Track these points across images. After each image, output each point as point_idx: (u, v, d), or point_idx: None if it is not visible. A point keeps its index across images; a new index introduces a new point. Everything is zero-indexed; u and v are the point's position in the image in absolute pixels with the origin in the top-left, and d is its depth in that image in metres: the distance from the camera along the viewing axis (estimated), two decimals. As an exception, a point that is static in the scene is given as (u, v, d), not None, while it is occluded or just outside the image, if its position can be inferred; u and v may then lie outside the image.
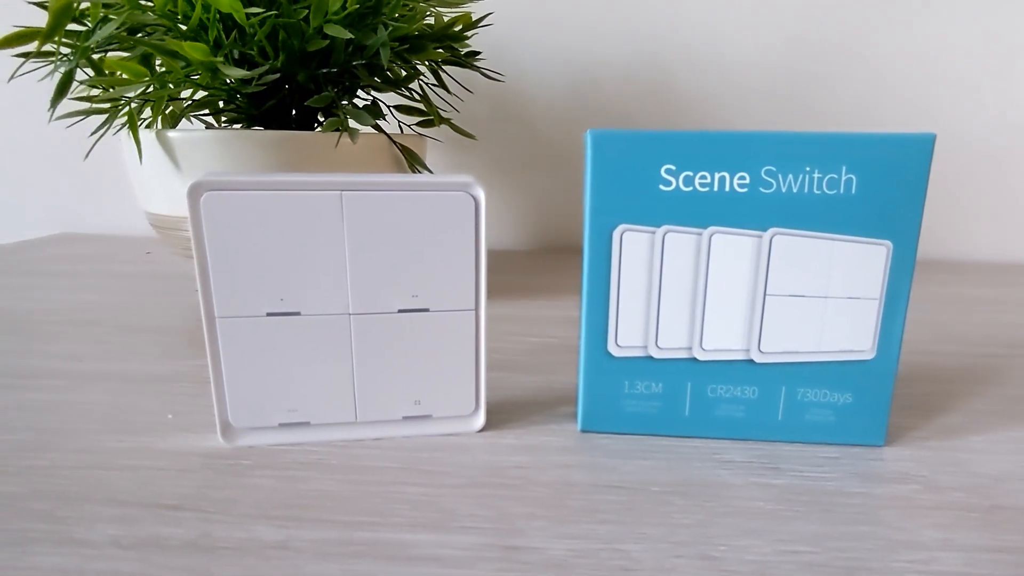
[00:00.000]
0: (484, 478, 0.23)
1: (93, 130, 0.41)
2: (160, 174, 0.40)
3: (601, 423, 0.27)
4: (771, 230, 0.24)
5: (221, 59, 0.34)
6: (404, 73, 0.44)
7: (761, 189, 0.24)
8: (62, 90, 0.34)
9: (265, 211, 0.23)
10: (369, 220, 0.23)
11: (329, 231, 0.23)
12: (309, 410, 0.25)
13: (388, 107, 0.46)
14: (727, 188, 0.24)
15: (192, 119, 0.47)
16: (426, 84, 0.47)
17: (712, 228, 0.24)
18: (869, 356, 0.25)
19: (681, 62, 0.65)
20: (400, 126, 0.49)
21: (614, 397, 0.26)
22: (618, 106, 0.66)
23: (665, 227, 0.24)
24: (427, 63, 0.44)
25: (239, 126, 0.48)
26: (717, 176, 0.24)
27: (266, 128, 0.44)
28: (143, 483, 0.22)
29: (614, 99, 0.66)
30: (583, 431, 0.27)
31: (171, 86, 0.37)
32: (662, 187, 0.24)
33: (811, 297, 0.25)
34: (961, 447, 0.26)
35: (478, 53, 0.46)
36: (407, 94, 0.46)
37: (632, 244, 0.25)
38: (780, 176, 0.24)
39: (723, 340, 0.25)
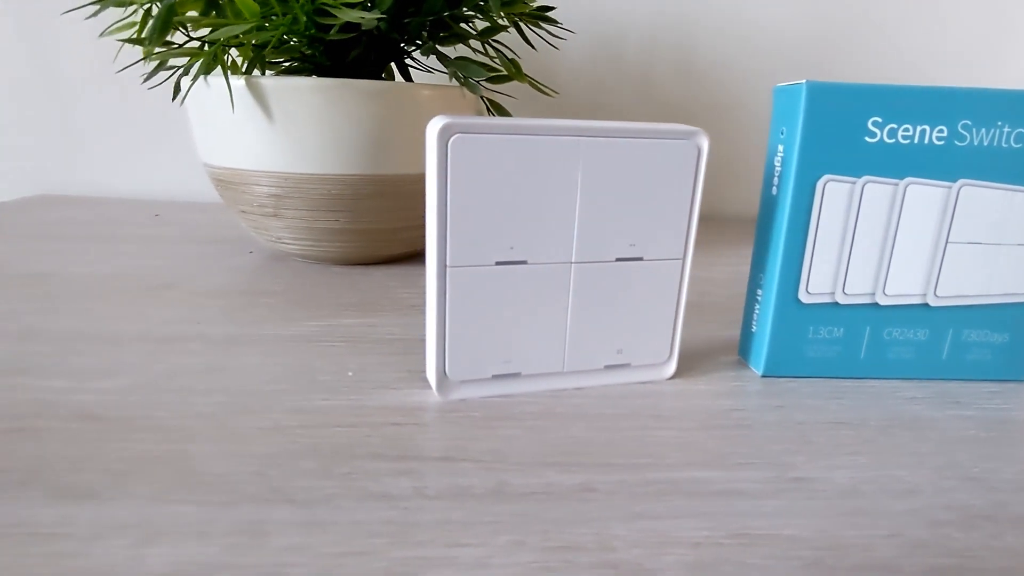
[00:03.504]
0: (715, 420, 0.24)
1: (146, 76, 0.37)
2: (243, 125, 0.38)
3: (783, 368, 0.28)
4: (960, 181, 0.26)
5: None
6: (482, 26, 0.43)
7: (956, 142, 0.25)
8: (164, 26, 0.31)
9: (508, 156, 0.22)
10: (601, 167, 0.23)
11: (564, 178, 0.23)
12: (521, 361, 0.25)
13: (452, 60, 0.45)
14: (926, 140, 0.25)
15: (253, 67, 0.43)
16: (492, 41, 0.46)
17: (908, 179, 0.26)
18: (1028, 298, 0.27)
19: (704, 26, 0.66)
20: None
21: (798, 342, 0.27)
22: (641, 69, 0.67)
23: (865, 178, 0.26)
24: (507, 16, 0.43)
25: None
26: (918, 129, 0.25)
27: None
28: (392, 438, 0.21)
29: (636, 62, 0.67)
30: (764, 376, 0.28)
31: (258, 30, 0.34)
32: (867, 139, 0.25)
33: (987, 244, 0.27)
34: (1092, 379, 0.29)
35: (552, 8, 0.45)
36: (472, 48, 0.44)
37: (833, 194, 0.26)
38: (974, 130, 0.25)
39: (904, 286, 0.27)
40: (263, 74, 0.46)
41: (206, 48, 0.38)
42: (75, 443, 0.20)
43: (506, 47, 0.47)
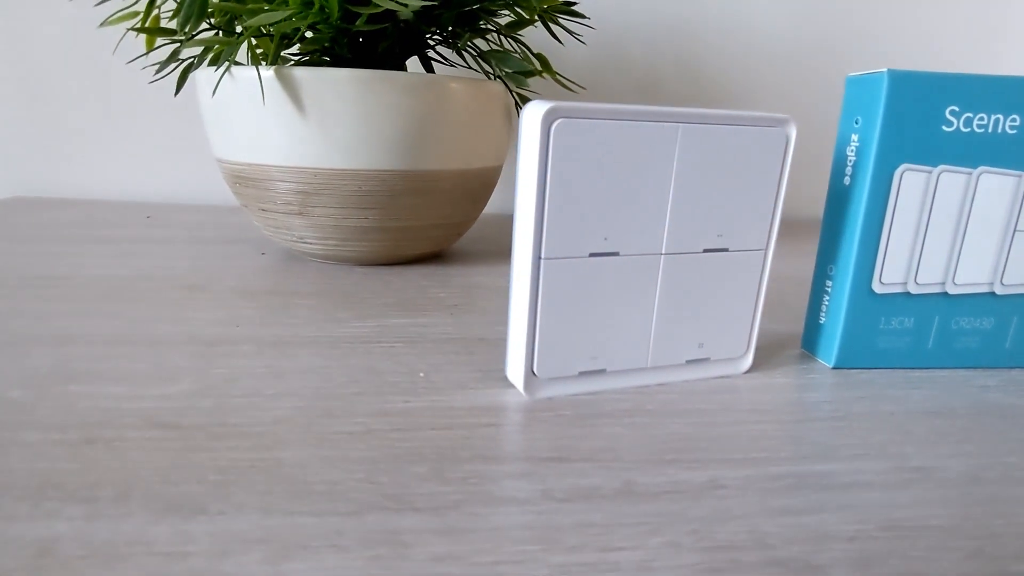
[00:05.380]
0: (809, 413, 0.23)
1: (159, 66, 0.35)
2: (268, 118, 0.36)
3: (855, 360, 0.28)
4: (1030, 170, 0.26)
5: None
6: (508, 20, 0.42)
7: (1028, 131, 0.25)
8: (200, 13, 0.29)
9: (608, 143, 0.21)
10: (696, 154, 0.23)
11: (660, 165, 0.22)
12: (607, 357, 0.24)
13: (476, 55, 0.44)
14: (999, 130, 0.25)
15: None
16: (511, 36, 0.45)
17: (981, 168, 0.26)
18: (1087, 286, 0.28)
19: (705, 28, 0.66)
20: (489, 76, 0.47)
21: (870, 334, 0.27)
22: (642, 69, 0.67)
23: (941, 167, 0.26)
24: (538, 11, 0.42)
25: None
26: (993, 118, 0.25)
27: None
28: (492, 439, 0.20)
29: (638, 62, 0.67)
30: (835, 368, 0.28)
31: (293, 19, 0.33)
32: (944, 128, 0.25)
33: (1053, 233, 0.27)
34: None
35: (576, 2, 0.44)
36: (489, 42, 0.43)
37: (909, 184, 0.26)
38: (1046, 119, 0.25)
39: (973, 275, 0.27)
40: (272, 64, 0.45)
41: (221, 36, 0.36)
42: (157, 453, 0.19)
43: (525, 43, 0.46)
